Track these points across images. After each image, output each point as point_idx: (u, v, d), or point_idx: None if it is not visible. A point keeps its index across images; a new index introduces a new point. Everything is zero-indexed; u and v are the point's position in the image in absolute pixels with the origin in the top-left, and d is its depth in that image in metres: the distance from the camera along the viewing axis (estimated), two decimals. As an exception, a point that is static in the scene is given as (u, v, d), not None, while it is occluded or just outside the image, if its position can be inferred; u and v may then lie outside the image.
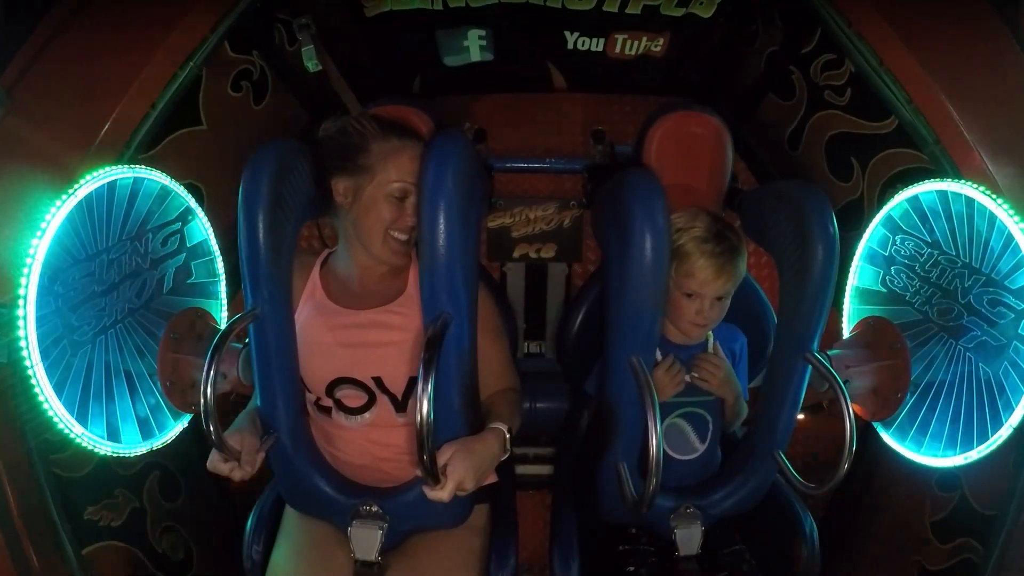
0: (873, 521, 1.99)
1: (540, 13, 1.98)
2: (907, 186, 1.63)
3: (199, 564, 1.97)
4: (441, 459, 1.30)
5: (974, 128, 1.53)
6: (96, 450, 1.45)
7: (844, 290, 1.80)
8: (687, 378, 1.60)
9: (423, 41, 2.10)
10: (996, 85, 1.58)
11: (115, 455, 1.50)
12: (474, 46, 2.13)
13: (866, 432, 1.70)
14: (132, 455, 1.54)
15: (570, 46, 2.12)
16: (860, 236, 1.77)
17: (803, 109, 2.05)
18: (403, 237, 1.48)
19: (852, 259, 1.79)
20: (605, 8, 1.95)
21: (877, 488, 1.97)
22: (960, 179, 1.50)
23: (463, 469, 1.30)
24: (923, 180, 1.59)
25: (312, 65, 1.88)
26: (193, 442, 1.88)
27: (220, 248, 1.81)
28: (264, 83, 2.04)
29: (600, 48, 2.11)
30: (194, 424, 1.75)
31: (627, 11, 1.96)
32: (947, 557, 1.62)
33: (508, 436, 1.43)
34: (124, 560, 1.66)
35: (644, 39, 2.07)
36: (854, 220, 1.85)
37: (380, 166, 1.45)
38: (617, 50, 2.11)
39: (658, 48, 2.10)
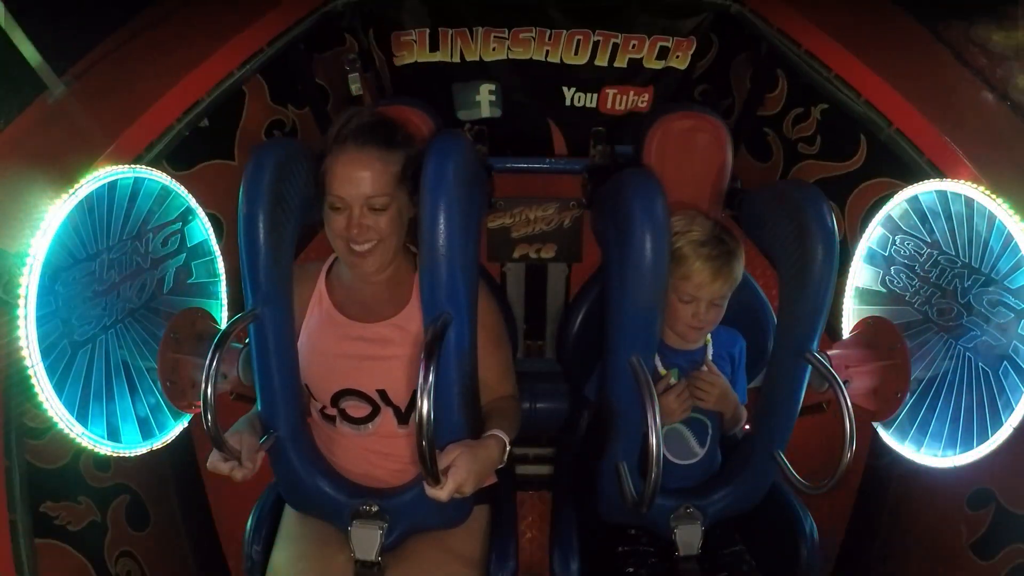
0: (902, 550, 1.93)
1: (542, 68, 2.23)
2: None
3: None
4: (445, 459, 1.31)
5: (927, 111, 1.67)
6: (96, 450, 1.45)
7: (844, 290, 1.80)
8: (687, 408, 1.60)
9: (441, 94, 2.30)
10: (937, 79, 1.82)
11: (116, 455, 1.50)
12: (484, 101, 2.33)
13: (864, 432, 1.70)
14: (132, 455, 1.54)
15: (567, 102, 2.33)
16: (847, 275, 1.80)
17: (781, 166, 2.22)
18: (359, 248, 1.42)
19: (852, 259, 1.79)
20: (596, 62, 2.22)
21: (900, 511, 1.93)
22: (921, 154, 1.62)
23: (465, 473, 1.30)
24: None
25: (355, 89, 2.21)
26: (170, 477, 1.88)
27: (221, 248, 1.81)
28: (294, 136, 2.18)
29: (593, 104, 2.33)
30: (170, 461, 1.77)
31: (615, 64, 2.22)
32: (997, 571, 1.56)
33: (508, 448, 1.44)
34: (72, 566, 1.56)
35: (631, 93, 2.31)
36: (841, 262, 1.85)
37: (324, 178, 1.43)
38: (608, 105, 2.33)
39: (644, 103, 2.32)
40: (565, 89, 2.31)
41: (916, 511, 1.85)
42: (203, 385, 1.28)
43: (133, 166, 1.52)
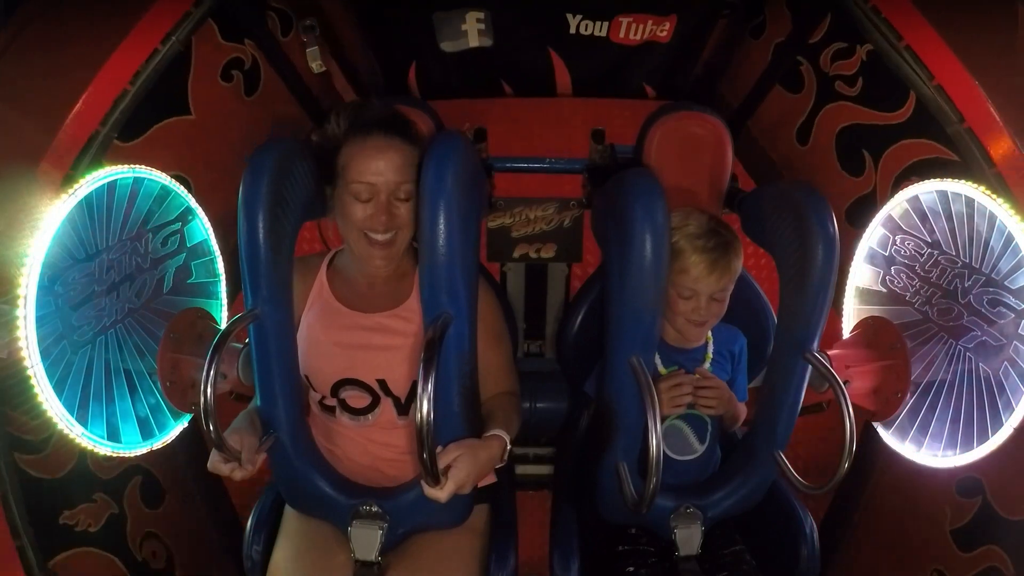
0: (882, 527, 1.95)
1: None
2: (923, 178, 1.58)
3: (181, 572, 1.90)
4: (445, 459, 1.31)
5: (1004, 108, 1.45)
6: (96, 450, 1.45)
7: (844, 290, 1.80)
8: (688, 401, 1.60)
9: (419, 23, 2.02)
10: (1018, 65, 1.53)
11: (115, 455, 1.49)
12: (472, 30, 2.05)
13: (867, 432, 1.70)
14: (132, 455, 1.54)
15: (572, 30, 2.03)
16: (852, 264, 1.74)
17: (812, 101, 1.99)
18: (380, 237, 1.44)
19: (852, 259, 1.79)
20: None
21: (886, 492, 1.91)
22: (989, 163, 1.45)
23: (465, 474, 1.30)
24: (939, 171, 1.57)
25: (316, 67, 1.87)
26: (180, 447, 1.82)
27: (220, 248, 1.81)
28: (256, 74, 1.96)
29: (604, 32, 2.02)
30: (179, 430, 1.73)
31: None
32: (971, 566, 1.56)
33: (508, 447, 1.44)
34: (100, 568, 1.57)
35: (650, 23, 1.99)
36: (866, 216, 1.78)
37: (346, 167, 1.42)
38: (621, 35, 2.03)
39: (663, 33, 2.02)
40: (570, 16, 1.99)
41: (901, 488, 1.84)
42: (203, 385, 1.27)
43: (134, 166, 1.52)
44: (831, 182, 1.97)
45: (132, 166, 1.51)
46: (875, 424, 1.69)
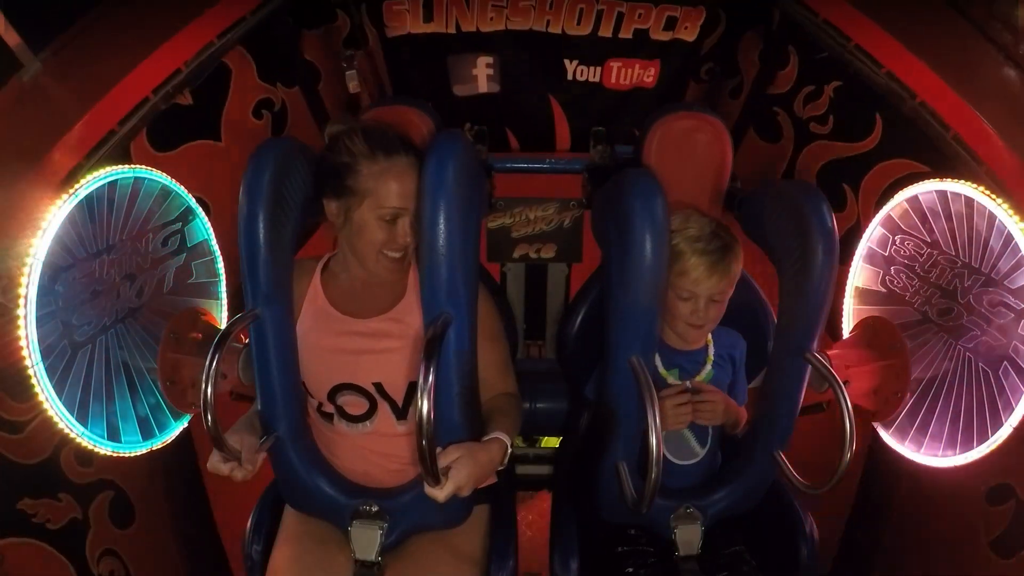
0: (910, 549, 1.87)
1: (543, 39, 2.13)
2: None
3: None
4: (445, 460, 1.31)
5: (952, 84, 1.56)
6: (96, 450, 1.45)
7: (844, 290, 1.80)
8: (688, 418, 1.59)
9: (436, 68, 2.22)
10: (961, 55, 1.68)
11: (115, 455, 1.50)
12: (482, 75, 2.25)
13: (864, 432, 1.70)
14: (133, 455, 1.54)
15: (570, 76, 2.25)
16: (849, 271, 1.77)
17: (792, 146, 2.13)
18: (396, 255, 1.45)
19: (844, 294, 1.80)
20: (600, 33, 2.12)
21: (911, 514, 1.85)
22: (979, 162, 1.49)
23: (465, 476, 1.30)
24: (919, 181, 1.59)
25: (352, 86, 2.13)
26: (160, 474, 1.82)
27: (221, 249, 1.81)
28: (284, 117, 2.09)
29: (597, 78, 2.25)
30: (163, 458, 1.70)
31: (620, 36, 2.13)
32: (1017, 571, 1.50)
33: (509, 450, 1.43)
34: (51, 568, 1.50)
35: (637, 67, 2.22)
36: (852, 249, 1.83)
37: (370, 189, 1.41)
38: (613, 79, 2.25)
39: (649, 78, 2.25)
40: (567, 62, 2.23)
41: (928, 508, 1.79)
42: (203, 385, 1.28)
43: (135, 166, 1.52)
44: None
45: (133, 166, 1.51)
46: (875, 424, 1.69)
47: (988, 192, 1.42)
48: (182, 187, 1.65)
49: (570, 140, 2.42)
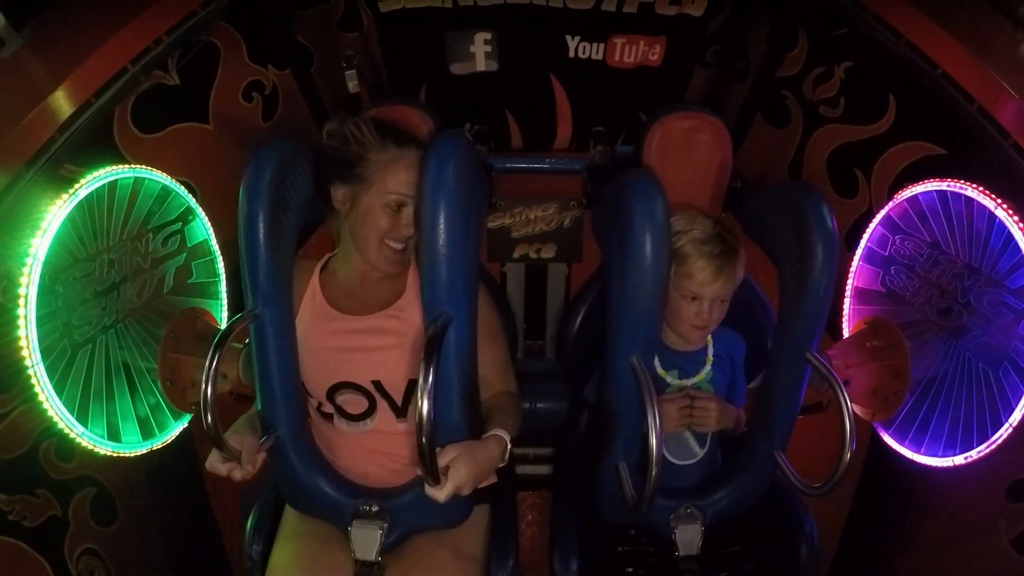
0: (926, 554, 1.82)
1: (543, 14, 2.02)
2: (916, 181, 1.58)
3: None
4: (444, 459, 1.31)
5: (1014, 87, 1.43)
6: (96, 450, 1.45)
7: (844, 290, 1.80)
8: (686, 423, 1.60)
9: (432, 44, 2.13)
10: (978, 26, 1.59)
11: (116, 455, 1.49)
12: (480, 52, 2.14)
13: (864, 432, 1.70)
14: (133, 455, 1.54)
15: (571, 53, 2.13)
16: (849, 272, 1.75)
17: (800, 132, 2.05)
18: (398, 246, 1.47)
19: (870, 231, 1.75)
20: (603, 7, 2.00)
21: (924, 518, 1.80)
22: (1004, 135, 1.40)
23: (464, 475, 1.30)
24: (930, 168, 1.56)
25: (352, 86, 2.06)
26: (145, 473, 1.76)
27: (220, 248, 1.81)
28: (275, 100, 2.03)
29: (600, 55, 2.13)
30: (147, 460, 1.64)
31: (624, 10, 2.00)
32: None
33: (509, 448, 1.44)
34: (27, 568, 1.44)
35: (642, 44, 2.10)
36: (859, 235, 1.79)
37: (377, 176, 1.43)
38: (616, 57, 2.14)
39: (655, 56, 2.13)
40: (569, 38, 2.10)
41: (942, 507, 1.75)
42: (203, 385, 1.28)
43: (135, 166, 1.52)
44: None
45: (133, 166, 1.51)
46: (875, 424, 1.69)
47: (988, 192, 1.42)
48: (178, 184, 1.61)
49: (571, 124, 2.33)
